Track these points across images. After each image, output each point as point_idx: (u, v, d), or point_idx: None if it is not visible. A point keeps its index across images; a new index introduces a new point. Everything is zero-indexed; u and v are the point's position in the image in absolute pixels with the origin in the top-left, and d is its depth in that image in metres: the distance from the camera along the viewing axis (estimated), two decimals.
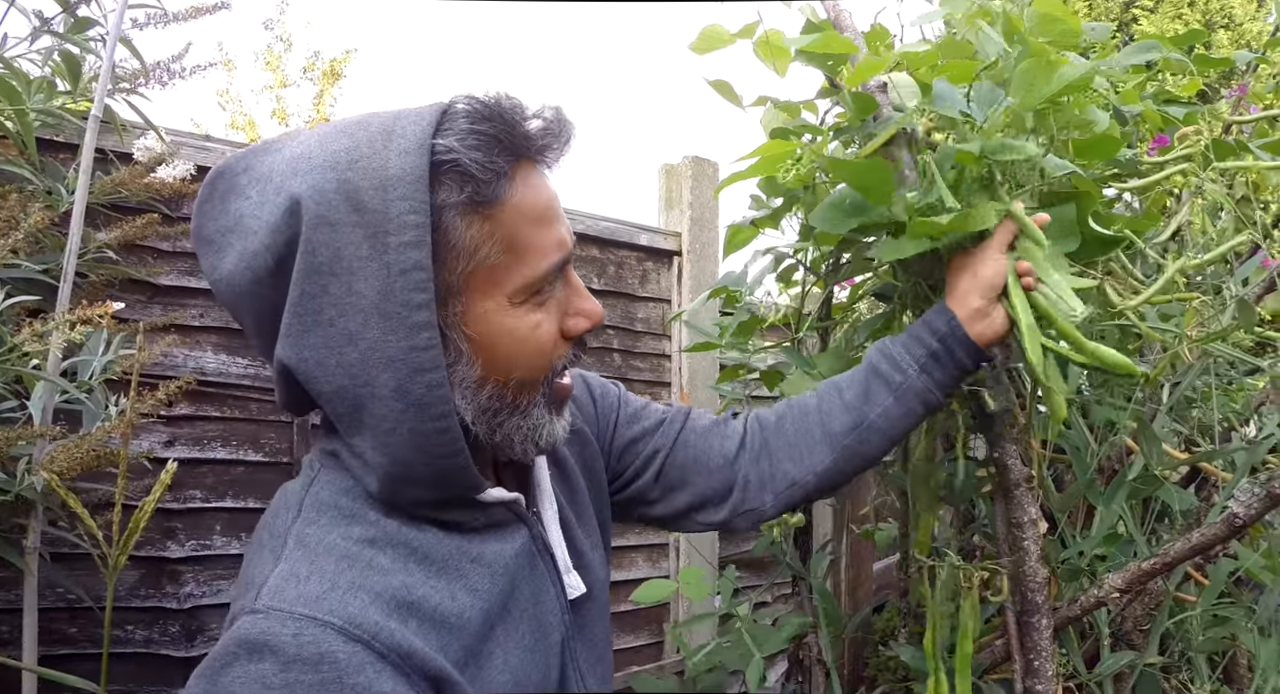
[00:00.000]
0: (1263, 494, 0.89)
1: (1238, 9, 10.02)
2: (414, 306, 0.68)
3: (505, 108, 0.73)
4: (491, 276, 0.73)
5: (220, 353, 1.69)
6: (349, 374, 0.69)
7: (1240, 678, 1.28)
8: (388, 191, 0.67)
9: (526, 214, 0.73)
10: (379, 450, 0.72)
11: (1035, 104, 0.98)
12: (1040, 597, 1.04)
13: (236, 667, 0.64)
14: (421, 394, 0.69)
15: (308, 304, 0.69)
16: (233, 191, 0.73)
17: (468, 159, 0.69)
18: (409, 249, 0.67)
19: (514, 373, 0.76)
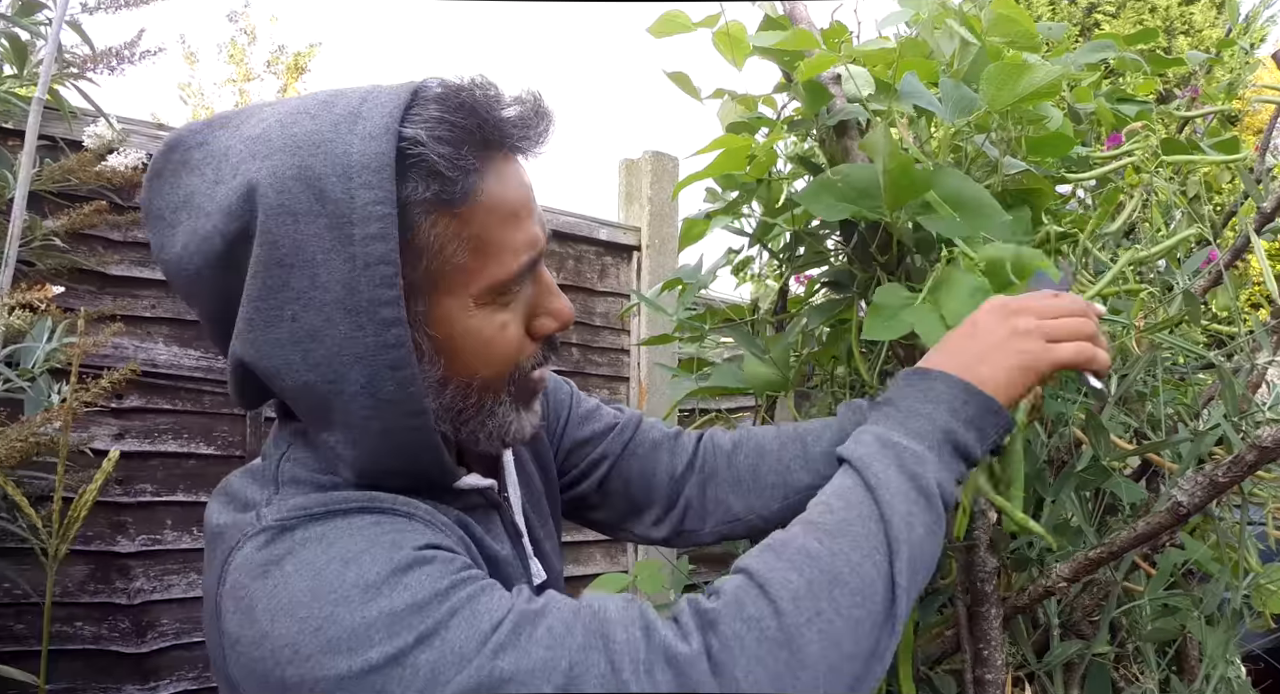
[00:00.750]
0: (1205, 483, 0.90)
1: (1198, 15, 10.18)
2: (381, 302, 0.64)
3: (479, 97, 0.69)
4: (457, 277, 0.69)
5: (172, 345, 1.67)
6: (316, 371, 0.66)
7: (1190, 668, 1.30)
8: (351, 179, 0.63)
9: (497, 212, 0.70)
10: (350, 445, 0.69)
11: (1003, 106, 0.98)
12: (990, 587, 1.05)
13: (288, 561, 0.63)
14: (393, 392, 0.66)
15: (269, 299, 0.65)
16: (185, 166, 0.69)
17: (435, 155, 0.65)
18: (374, 241, 0.63)
19: (478, 374, 0.73)
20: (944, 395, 0.75)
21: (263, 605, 0.62)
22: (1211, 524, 1.21)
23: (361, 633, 0.60)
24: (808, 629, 0.62)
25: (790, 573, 0.65)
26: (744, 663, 0.60)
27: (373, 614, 0.61)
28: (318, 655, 0.60)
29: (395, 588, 0.62)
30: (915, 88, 1.05)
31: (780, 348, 1.19)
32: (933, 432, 0.73)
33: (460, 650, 0.60)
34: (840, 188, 0.99)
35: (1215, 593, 1.17)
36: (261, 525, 0.66)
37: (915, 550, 0.68)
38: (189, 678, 1.70)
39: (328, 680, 0.60)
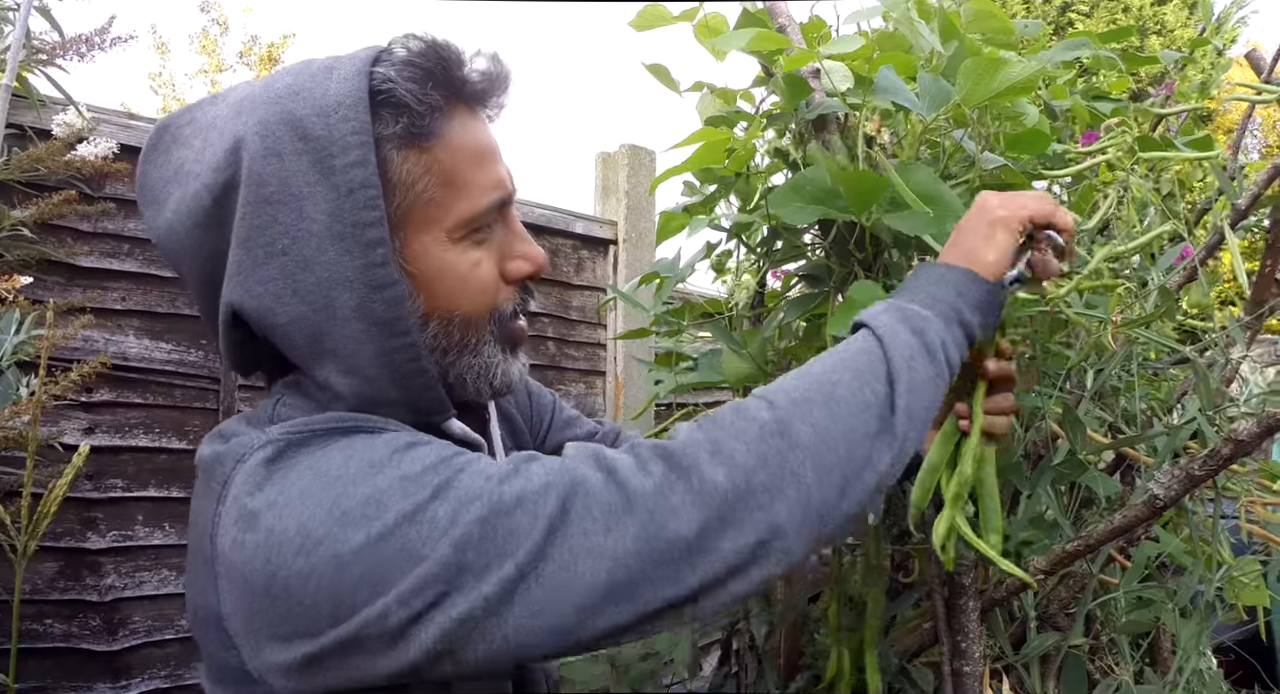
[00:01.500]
0: (1182, 476, 0.90)
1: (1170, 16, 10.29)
2: (366, 224, 0.68)
3: (442, 47, 0.73)
4: (429, 212, 0.73)
5: (143, 337, 1.64)
6: (306, 300, 0.68)
7: (1163, 660, 1.31)
8: (330, 116, 0.68)
9: (463, 151, 0.74)
10: (345, 374, 0.71)
11: (979, 101, 0.98)
12: (967, 579, 1.05)
13: (292, 467, 0.65)
14: (381, 311, 0.69)
15: (257, 237, 0.68)
16: (176, 142, 0.73)
17: (403, 90, 0.70)
18: (355, 168, 0.67)
19: (457, 310, 0.75)
20: (951, 279, 0.79)
21: (267, 506, 0.64)
22: (1185, 518, 1.22)
23: (376, 500, 0.62)
24: (800, 423, 0.66)
25: (786, 383, 0.70)
26: (740, 447, 0.65)
27: (384, 483, 0.63)
28: (333, 532, 0.61)
29: (403, 460, 0.65)
30: (892, 82, 1.05)
31: (757, 342, 1.19)
32: (939, 305, 0.77)
33: (471, 491, 0.63)
34: (809, 190, 0.99)
35: (1189, 586, 1.18)
36: (267, 438, 0.67)
37: (917, 388, 0.70)
38: (161, 676, 1.68)
39: (345, 554, 0.61)
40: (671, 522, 0.62)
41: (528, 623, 0.61)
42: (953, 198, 0.94)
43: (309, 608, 0.62)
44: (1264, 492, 1.23)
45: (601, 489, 0.64)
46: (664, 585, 0.62)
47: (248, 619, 0.65)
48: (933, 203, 0.93)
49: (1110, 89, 1.46)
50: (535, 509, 0.62)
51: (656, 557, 0.62)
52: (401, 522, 0.62)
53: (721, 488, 0.63)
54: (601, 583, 0.61)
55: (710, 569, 0.63)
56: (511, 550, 0.61)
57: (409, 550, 0.61)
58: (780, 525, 0.64)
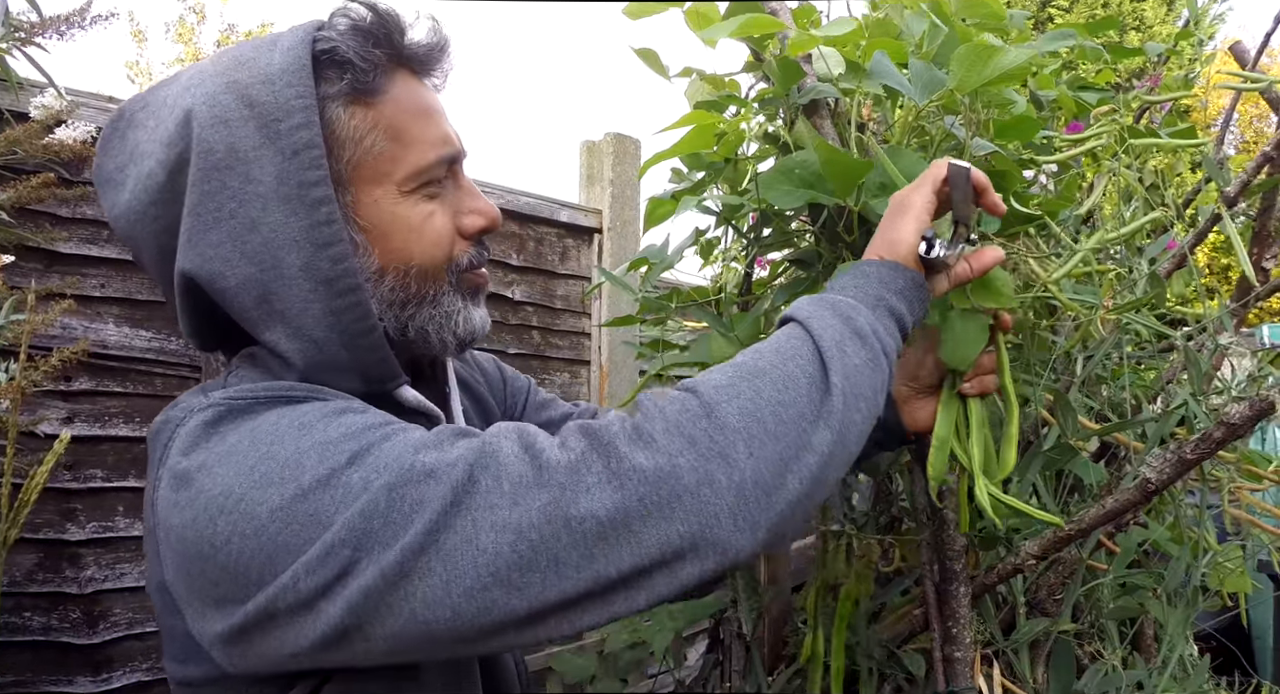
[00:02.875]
0: (1174, 459, 0.91)
1: (1149, 12, 10.37)
2: (310, 184, 0.70)
3: (383, 12, 0.75)
4: (378, 166, 0.74)
5: (123, 325, 1.62)
6: (254, 261, 0.70)
7: (1147, 646, 1.32)
8: (274, 83, 0.70)
9: (409, 108, 0.76)
10: (294, 336, 0.71)
11: (972, 87, 0.98)
12: (958, 565, 1.05)
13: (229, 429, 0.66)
14: (328, 269, 0.70)
15: (207, 203, 0.69)
16: (131, 126, 0.74)
17: (345, 47, 0.72)
18: (299, 130, 0.69)
19: (412, 261, 0.76)
20: (871, 272, 0.79)
21: (198, 467, 0.64)
22: (1171, 505, 1.23)
23: (294, 462, 0.62)
24: (728, 405, 0.63)
25: (712, 374, 0.67)
26: (663, 428, 0.62)
27: (306, 446, 0.63)
28: (251, 494, 0.62)
29: (330, 425, 0.65)
30: (885, 67, 1.04)
31: (745, 325, 1.18)
32: (865, 296, 0.76)
33: (387, 459, 0.62)
34: (797, 174, 0.99)
35: (1175, 572, 1.19)
36: (209, 402, 0.69)
37: (852, 373, 0.68)
38: (142, 669, 1.66)
39: (261, 516, 0.61)
40: (584, 499, 0.59)
41: (433, 596, 0.59)
42: None
43: (233, 573, 0.62)
44: (1249, 479, 1.24)
45: (514, 462, 0.62)
46: (574, 569, 0.59)
47: (187, 583, 0.66)
48: None
49: (1094, 81, 1.46)
50: (444, 478, 0.61)
51: (565, 535, 0.59)
52: (315, 486, 0.61)
53: (642, 468, 0.60)
54: (505, 557, 0.59)
55: (630, 557, 0.59)
56: (414, 519, 0.60)
57: (318, 516, 0.61)
58: (712, 514, 0.60)
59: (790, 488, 0.62)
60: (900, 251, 0.80)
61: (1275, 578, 2.32)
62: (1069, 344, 1.16)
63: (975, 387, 0.94)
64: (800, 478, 0.63)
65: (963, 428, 0.94)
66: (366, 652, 0.62)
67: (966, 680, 1.04)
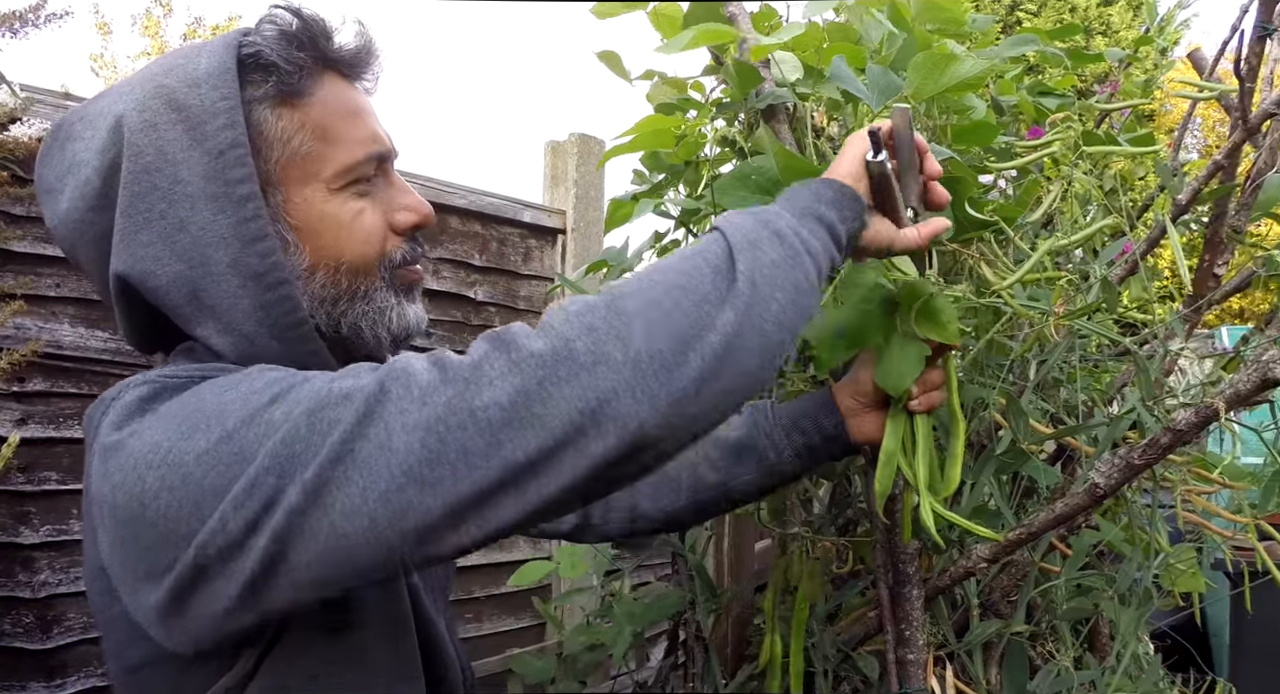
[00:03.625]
0: (1122, 465, 0.92)
1: (1115, 17, 10.49)
2: (236, 182, 0.71)
3: (308, 17, 0.77)
4: (307, 165, 0.76)
5: (78, 325, 1.60)
6: (184, 259, 0.71)
7: (1102, 645, 1.33)
8: (200, 86, 0.72)
9: (336, 109, 0.78)
10: (225, 331, 0.73)
11: (928, 95, 0.99)
12: (912, 568, 1.06)
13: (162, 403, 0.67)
14: (255, 264, 0.72)
15: (138, 204, 0.71)
16: (69, 138, 0.75)
17: (269, 50, 0.74)
18: (224, 131, 0.71)
19: (343, 258, 0.78)
20: (804, 188, 0.80)
21: (130, 434, 0.65)
22: (1124, 506, 1.24)
23: (220, 411, 0.64)
24: (629, 297, 0.65)
25: (625, 278, 0.70)
26: (563, 320, 0.64)
27: (230, 397, 0.65)
28: (179, 444, 0.63)
29: (256, 379, 0.67)
30: (842, 72, 1.05)
31: None
32: (792, 206, 0.77)
33: (307, 392, 0.64)
34: (754, 180, 0.99)
35: (1128, 573, 1.20)
36: (144, 379, 0.70)
37: (765, 267, 0.68)
38: (97, 674, 1.64)
39: (189, 462, 0.63)
40: (486, 390, 0.61)
41: (351, 505, 0.60)
42: None
43: (164, 532, 0.63)
44: (1200, 481, 1.26)
45: (423, 371, 0.64)
46: (482, 457, 0.60)
47: (121, 556, 0.66)
48: None
49: (1056, 86, 1.48)
50: (358, 395, 0.63)
51: (471, 425, 0.60)
52: (239, 426, 0.63)
53: (539, 353, 0.62)
54: (416, 454, 0.60)
55: (535, 439, 0.60)
56: (331, 434, 0.61)
57: (243, 453, 0.62)
58: (609, 388, 0.61)
59: (692, 365, 0.62)
60: (839, 171, 0.82)
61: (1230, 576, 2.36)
62: (1022, 348, 1.17)
63: (922, 404, 0.95)
64: (702, 355, 0.63)
65: (909, 443, 0.94)
66: (294, 587, 0.63)
67: (920, 682, 1.05)
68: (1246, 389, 0.84)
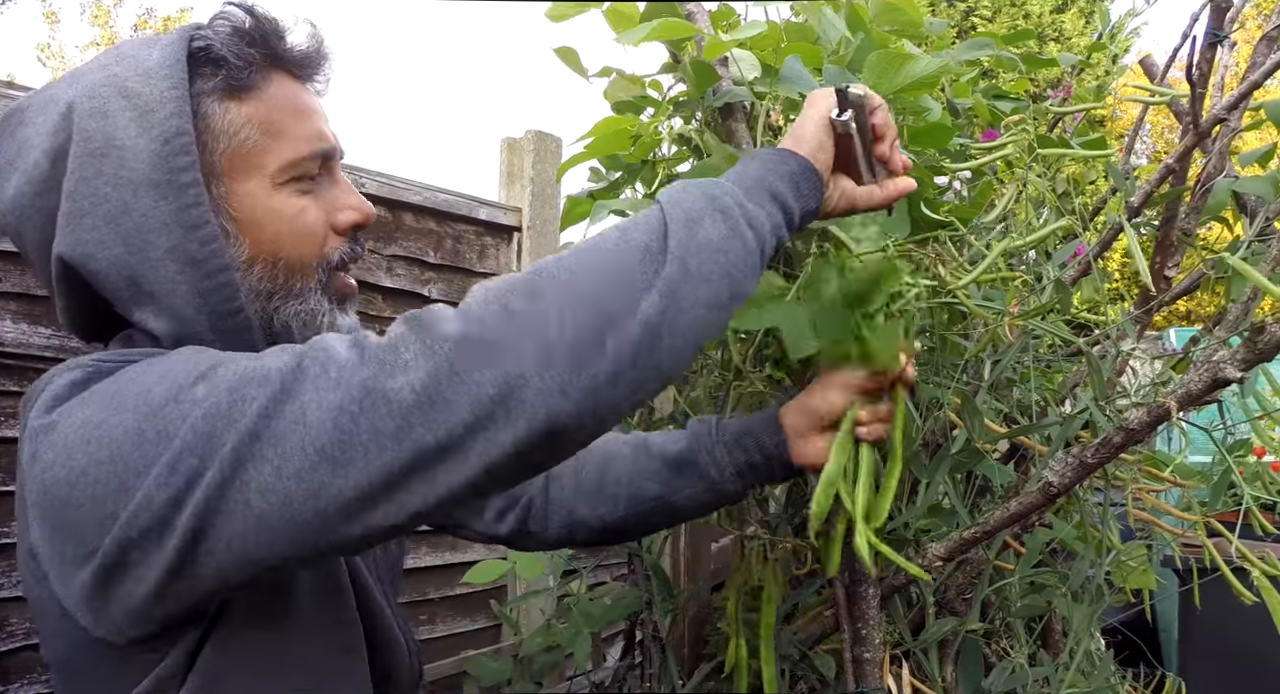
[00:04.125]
0: (1075, 463, 0.93)
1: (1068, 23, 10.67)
2: (180, 169, 0.72)
3: (260, 15, 0.78)
4: (251, 158, 0.77)
5: (20, 322, 1.56)
6: (125, 243, 0.72)
7: (1055, 642, 1.35)
8: (150, 77, 0.73)
9: (283, 106, 0.79)
10: (162, 317, 0.74)
11: (884, 94, 0.99)
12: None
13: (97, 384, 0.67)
14: (195, 250, 0.73)
15: (83, 188, 0.72)
16: (21, 123, 0.76)
17: (219, 44, 0.75)
18: (170, 119, 0.72)
19: (281, 253, 0.78)
20: (760, 157, 0.79)
21: (62, 414, 0.65)
22: (1076, 505, 1.26)
23: (147, 389, 0.64)
24: (551, 279, 0.64)
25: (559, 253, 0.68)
26: (479, 302, 0.64)
27: (157, 374, 0.66)
28: (108, 419, 0.64)
29: (184, 359, 0.67)
30: (798, 73, 1.05)
31: None
32: (743, 178, 0.76)
33: (230, 370, 0.64)
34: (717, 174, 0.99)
35: (1080, 570, 1.21)
36: (78, 363, 0.70)
37: (702, 245, 0.68)
38: (41, 680, 1.60)
39: (115, 438, 0.63)
40: (400, 373, 0.61)
41: (266, 483, 0.61)
42: None
43: (92, 511, 0.63)
44: (1150, 480, 1.28)
45: (341, 351, 0.64)
46: (393, 438, 0.60)
47: (50, 537, 0.66)
48: None
49: (1011, 90, 1.50)
50: (277, 372, 0.63)
51: (383, 407, 0.60)
52: (164, 404, 0.63)
53: (452, 336, 0.61)
54: (329, 433, 0.60)
55: (445, 423, 0.60)
56: (249, 410, 0.62)
57: (167, 430, 0.62)
58: (519, 373, 0.60)
59: (608, 353, 0.62)
60: (803, 138, 0.81)
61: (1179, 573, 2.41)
62: (977, 348, 1.18)
63: (870, 433, 0.94)
64: (620, 343, 0.62)
65: (851, 471, 0.94)
66: (218, 568, 0.63)
67: (876, 681, 1.06)
68: (1198, 389, 0.85)
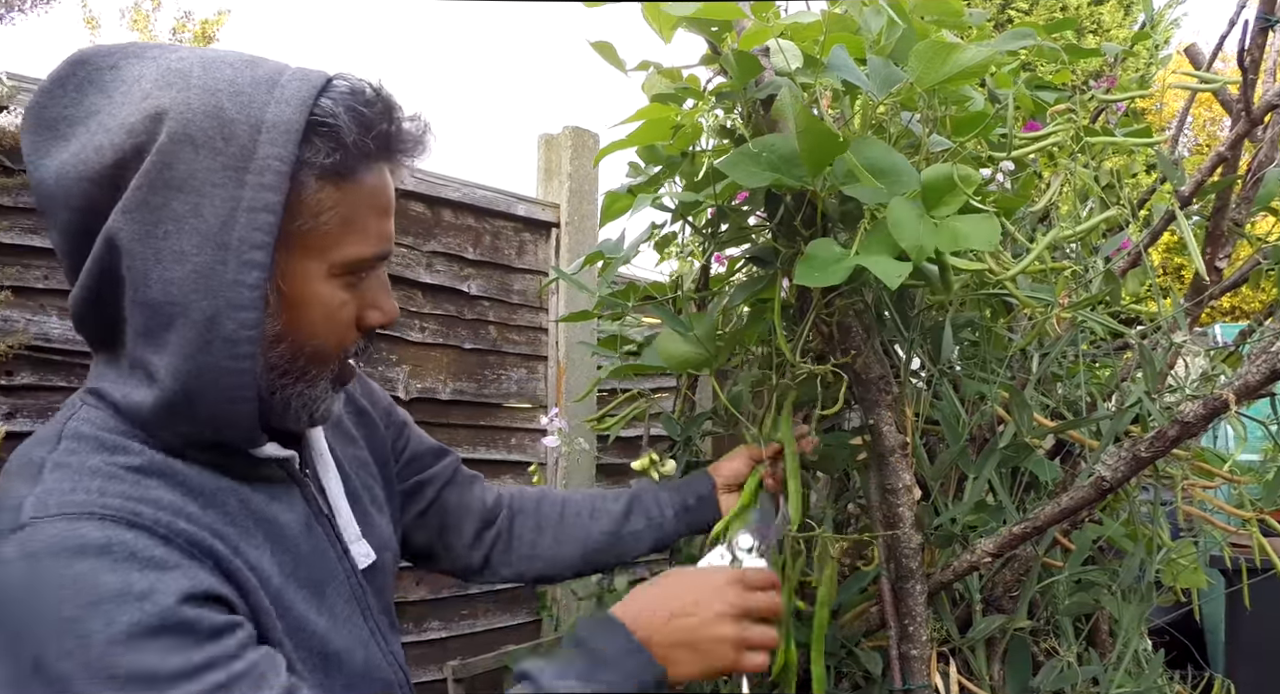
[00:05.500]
0: (1128, 457, 0.91)
1: (1106, 16, 10.51)
2: (253, 245, 0.69)
3: (386, 99, 0.76)
4: (322, 242, 0.75)
5: (67, 318, 1.57)
6: (167, 291, 0.69)
7: (1102, 642, 1.32)
8: (260, 133, 0.69)
9: (371, 201, 0.77)
10: (172, 373, 0.71)
11: (931, 84, 0.98)
12: (915, 563, 1.05)
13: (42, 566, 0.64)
14: (231, 330, 0.70)
15: (146, 214, 0.68)
16: (93, 85, 0.72)
17: (344, 128, 0.72)
18: (265, 191, 0.69)
19: (312, 340, 0.77)
20: (624, 659, 0.83)
21: (13, 611, 0.64)
22: (1124, 502, 1.23)
23: (91, 691, 0.62)
24: None
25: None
26: None
27: (111, 669, 0.62)
28: (27, 678, 0.62)
29: (137, 653, 0.63)
30: (843, 62, 1.04)
31: (703, 325, 1.17)
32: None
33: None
34: (764, 157, 0.98)
35: (1130, 568, 1.19)
36: (19, 522, 0.66)
37: None
38: None
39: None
40: None
41: None
42: (907, 168, 0.93)
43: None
44: (1201, 476, 1.25)
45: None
46: None
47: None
48: (885, 175, 0.93)
49: (1053, 80, 1.47)
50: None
51: None
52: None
53: None
54: None
55: None
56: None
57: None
58: None
59: None
60: (673, 665, 0.85)
61: (1226, 573, 2.36)
62: (1024, 341, 1.16)
63: (772, 486, 1.13)
64: None
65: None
66: None
67: (923, 678, 1.04)
68: (1256, 380, 0.83)
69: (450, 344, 2.31)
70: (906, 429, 1.09)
